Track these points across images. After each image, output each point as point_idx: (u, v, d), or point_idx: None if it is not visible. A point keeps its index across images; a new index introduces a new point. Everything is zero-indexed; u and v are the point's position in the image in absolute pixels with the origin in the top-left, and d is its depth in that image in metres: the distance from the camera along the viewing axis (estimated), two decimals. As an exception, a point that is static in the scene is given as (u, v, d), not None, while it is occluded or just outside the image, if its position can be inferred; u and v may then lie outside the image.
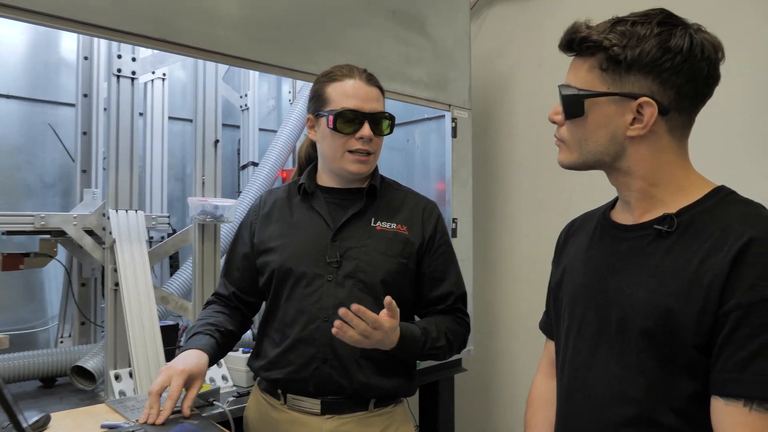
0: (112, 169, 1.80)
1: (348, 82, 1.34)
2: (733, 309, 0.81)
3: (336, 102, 1.33)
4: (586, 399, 0.97)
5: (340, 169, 1.37)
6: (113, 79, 1.82)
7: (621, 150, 0.94)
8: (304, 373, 1.31)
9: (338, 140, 1.33)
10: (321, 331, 1.31)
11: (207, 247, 1.92)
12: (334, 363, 1.30)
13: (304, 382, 1.31)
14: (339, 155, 1.34)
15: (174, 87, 2.51)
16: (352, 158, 1.34)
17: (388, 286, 1.34)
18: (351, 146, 1.33)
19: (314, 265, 1.34)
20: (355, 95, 1.33)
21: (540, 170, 2.66)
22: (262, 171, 2.28)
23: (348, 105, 1.32)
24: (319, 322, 1.31)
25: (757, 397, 0.79)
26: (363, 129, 1.32)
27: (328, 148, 1.36)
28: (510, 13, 2.80)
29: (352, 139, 1.33)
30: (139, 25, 1.52)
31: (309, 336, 1.31)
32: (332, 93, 1.34)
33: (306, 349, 1.31)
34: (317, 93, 1.38)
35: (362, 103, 1.33)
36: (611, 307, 0.95)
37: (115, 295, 1.74)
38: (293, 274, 1.34)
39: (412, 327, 1.28)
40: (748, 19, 1.98)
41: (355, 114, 1.32)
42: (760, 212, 0.88)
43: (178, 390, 1.14)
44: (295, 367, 1.32)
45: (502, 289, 2.82)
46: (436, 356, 1.35)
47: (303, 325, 1.32)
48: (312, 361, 1.31)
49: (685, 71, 0.88)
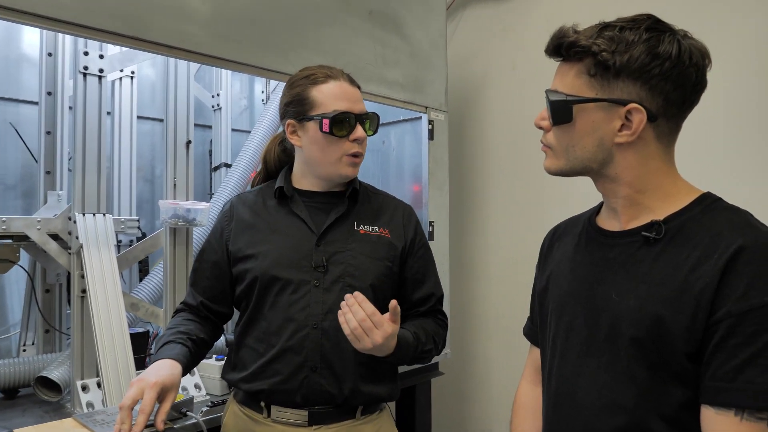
0: (78, 171, 1.73)
1: (332, 83, 1.31)
2: (724, 318, 0.81)
3: (326, 105, 1.30)
4: (575, 407, 0.96)
5: (332, 174, 1.33)
6: (79, 76, 1.75)
7: (608, 157, 0.93)
8: (292, 383, 1.27)
9: (332, 144, 1.30)
10: (310, 339, 1.27)
11: (179, 251, 1.86)
12: (324, 371, 1.27)
13: (291, 392, 1.27)
14: (334, 159, 1.31)
15: (143, 85, 2.43)
16: (348, 161, 1.31)
17: (377, 289, 1.32)
18: (347, 150, 1.30)
19: (299, 271, 1.30)
20: (343, 97, 1.30)
21: (515, 173, 2.67)
22: (235, 173, 2.23)
23: (339, 107, 1.29)
24: (308, 330, 1.28)
25: (748, 406, 0.79)
26: (357, 131, 1.30)
27: (320, 153, 1.32)
28: (484, 16, 2.80)
29: (346, 142, 1.30)
30: (107, 21, 1.46)
31: (297, 344, 1.27)
32: (318, 96, 1.30)
33: (294, 357, 1.27)
34: (299, 96, 1.33)
35: (351, 105, 1.30)
36: (600, 314, 0.94)
37: (82, 302, 1.67)
38: (278, 281, 1.30)
39: (406, 333, 1.26)
40: (726, 23, 2.01)
41: (347, 116, 1.29)
42: (748, 220, 0.88)
43: (151, 404, 1.09)
44: (282, 377, 1.27)
45: (478, 291, 2.82)
46: (423, 360, 1.35)
47: (291, 333, 1.28)
48: (300, 370, 1.27)
49: (674, 78, 0.87)
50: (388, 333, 1.16)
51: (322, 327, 1.27)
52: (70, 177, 1.91)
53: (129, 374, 1.62)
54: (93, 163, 1.75)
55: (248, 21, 1.77)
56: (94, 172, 1.75)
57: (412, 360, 1.31)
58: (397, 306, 1.16)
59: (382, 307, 1.31)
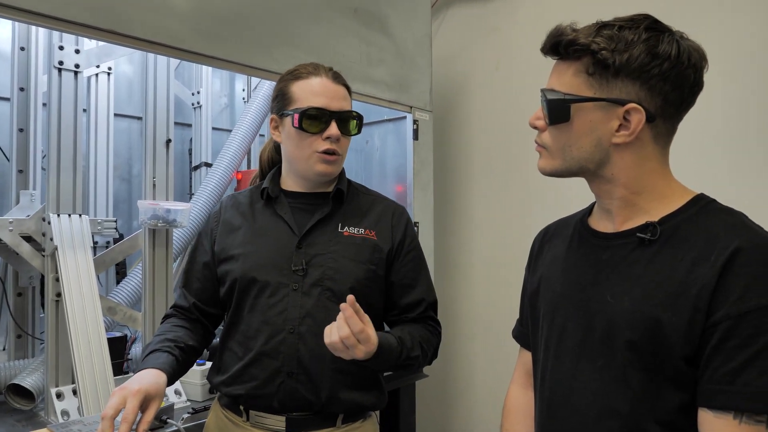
0: (53, 170, 1.67)
1: (314, 79, 1.29)
2: (722, 320, 0.80)
3: (301, 100, 1.27)
4: (569, 411, 0.95)
5: (306, 171, 1.30)
6: (54, 72, 1.69)
7: (605, 157, 0.92)
8: (269, 388, 1.24)
9: (304, 140, 1.27)
10: (287, 344, 1.24)
11: (158, 253, 1.81)
12: (301, 377, 1.24)
13: (269, 397, 1.24)
14: (306, 156, 1.28)
15: (119, 82, 2.37)
16: (319, 158, 1.28)
17: (357, 293, 1.27)
18: (318, 147, 1.27)
19: (278, 274, 1.27)
20: (321, 93, 1.27)
21: (499, 173, 2.66)
22: (216, 172, 2.18)
23: (314, 103, 1.26)
24: (284, 334, 1.24)
25: (746, 409, 0.79)
26: (330, 128, 1.26)
27: (294, 149, 1.30)
28: (468, 15, 2.79)
29: (318, 139, 1.27)
30: (84, 14, 1.41)
31: (273, 349, 1.24)
32: (297, 91, 1.28)
33: (270, 362, 1.24)
34: (281, 92, 1.31)
35: (329, 102, 1.27)
36: (594, 316, 0.93)
37: (56, 306, 1.62)
38: (256, 283, 1.27)
39: (388, 336, 1.22)
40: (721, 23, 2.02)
41: (321, 112, 1.26)
42: (743, 221, 0.87)
43: (133, 413, 1.05)
44: (258, 382, 1.24)
45: (462, 292, 2.81)
46: (409, 367, 1.29)
47: (267, 338, 1.25)
48: (277, 376, 1.24)
49: (673, 78, 0.87)
50: (371, 349, 1.11)
51: (299, 331, 1.24)
52: (43, 176, 1.85)
53: (107, 380, 1.56)
54: (68, 162, 1.69)
55: (231, 17, 1.73)
56: (69, 171, 1.69)
57: (396, 367, 1.26)
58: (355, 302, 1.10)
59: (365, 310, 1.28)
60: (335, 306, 1.24)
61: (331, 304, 1.25)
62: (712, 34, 1.99)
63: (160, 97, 1.87)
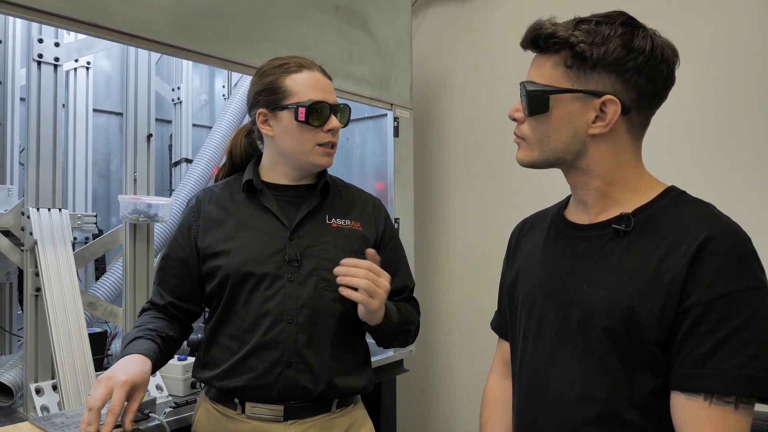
0: (32, 164, 1.65)
1: (308, 73, 1.30)
2: (692, 306, 0.83)
3: (301, 94, 1.28)
4: (547, 399, 0.97)
5: (306, 164, 1.32)
6: (33, 65, 1.67)
7: (582, 148, 0.94)
8: (268, 378, 1.25)
9: (306, 133, 1.29)
10: (286, 334, 1.25)
11: (139, 248, 1.80)
12: (300, 366, 1.25)
13: (267, 388, 1.25)
14: (308, 149, 1.30)
15: (98, 77, 2.34)
16: (321, 151, 1.30)
17: None
18: (320, 139, 1.29)
19: (273, 266, 1.28)
20: (319, 87, 1.30)
21: (478, 170, 2.70)
22: (197, 168, 2.17)
23: (315, 97, 1.28)
24: (283, 325, 1.25)
25: (716, 391, 0.81)
26: (331, 121, 1.30)
27: (294, 143, 1.30)
28: (447, 15, 2.82)
29: (320, 132, 1.29)
30: (63, 5, 1.40)
31: (272, 339, 1.25)
32: (293, 85, 1.29)
33: (269, 353, 1.25)
34: (272, 85, 1.30)
35: (326, 95, 1.30)
36: (571, 306, 0.95)
37: (36, 301, 1.60)
38: (252, 277, 1.27)
39: (388, 302, 1.28)
40: (689, 20, 2.08)
41: (323, 106, 1.29)
42: (713, 212, 0.91)
43: (120, 404, 1.04)
44: (257, 373, 1.25)
45: (442, 288, 2.84)
46: (407, 334, 1.35)
47: (266, 329, 1.25)
48: (276, 366, 1.25)
49: (647, 72, 0.90)
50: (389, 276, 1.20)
51: (297, 321, 1.26)
52: (21, 171, 1.82)
53: (88, 375, 1.55)
54: (48, 157, 1.68)
55: (212, 12, 1.73)
56: (48, 166, 1.68)
57: (397, 332, 1.31)
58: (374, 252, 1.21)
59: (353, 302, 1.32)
60: (331, 295, 1.28)
61: (326, 293, 1.29)
62: (683, 33, 2.04)
63: (141, 91, 1.86)
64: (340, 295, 1.25)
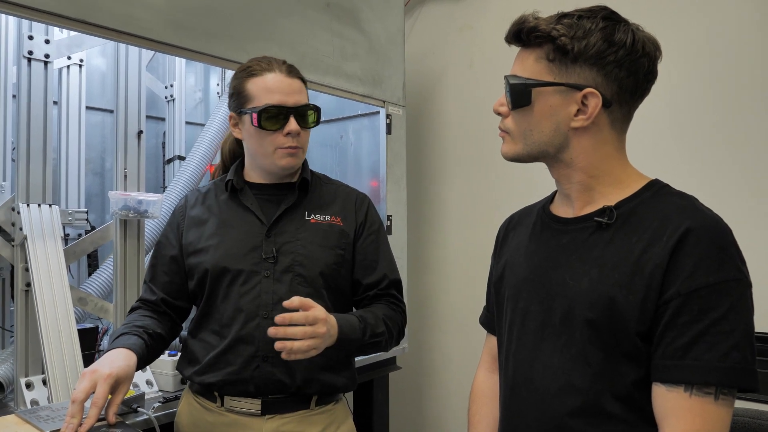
0: (22, 161, 1.65)
1: (268, 76, 1.29)
2: (673, 297, 0.84)
3: (258, 98, 1.28)
4: (531, 392, 0.98)
5: (270, 166, 1.32)
6: (24, 62, 1.67)
7: (565, 141, 0.95)
8: (245, 373, 1.26)
9: (266, 138, 1.29)
10: (261, 329, 1.26)
11: (130, 244, 1.80)
12: (276, 360, 1.25)
13: (245, 382, 1.26)
14: (269, 152, 1.30)
15: (92, 75, 2.35)
16: (282, 153, 1.30)
17: (327, 278, 1.32)
18: (280, 143, 1.29)
19: (250, 262, 1.29)
20: (277, 89, 1.28)
21: (471, 168, 2.70)
22: (190, 165, 2.18)
23: (271, 101, 1.27)
24: (258, 320, 1.27)
25: (696, 382, 0.82)
26: (289, 124, 1.28)
27: (256, 146, 1.31)
28: (442, 13, 2.83)
29: (279, 135, 1.28)
30: (52, 2, 1.40)
31: (248, 334, 1.27)
32: (253, 89, 1.29)
33: (245, 348, 1.26)
34: (237, 89, 1.32)
35: (285, 97, 1.28)
36: (555, 299, 0.96)
37: (26, 296, 1.60)
38: (229, 273, 1.29)
39: (348, 316, 1.24)
40: (673, 16, 2.08)
41: (279, 109, 1.27)
42: (694, 204, 0.91)
43: (104, 397, 1.05)
44: (234, 367, 1.26)
45: (435, 285, 2.84)
46: (377, 345, 1.30)
47: (242, 324, 1.27)
48: (252, 361, 1.26)
49: (627, 65, 0.90)
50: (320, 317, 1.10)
51: (272, 316, 1.25)
52: (13, 167, 1.82)
53: (77, 371, 1.55)
54: (38, 153, 1.68)
55: (204, 9, 1.73)
56: (39, 163, 1.68)
57: (363, 346, 1.26)
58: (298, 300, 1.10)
59: (336, 294, 1.33)
60: (306, 290, 1.28)
61: (302, 289, 1.28)
62: (669, 29, 2.05)
63: (132, 88, 1.86)
64: (315, 290, 1.27)
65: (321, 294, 1.29)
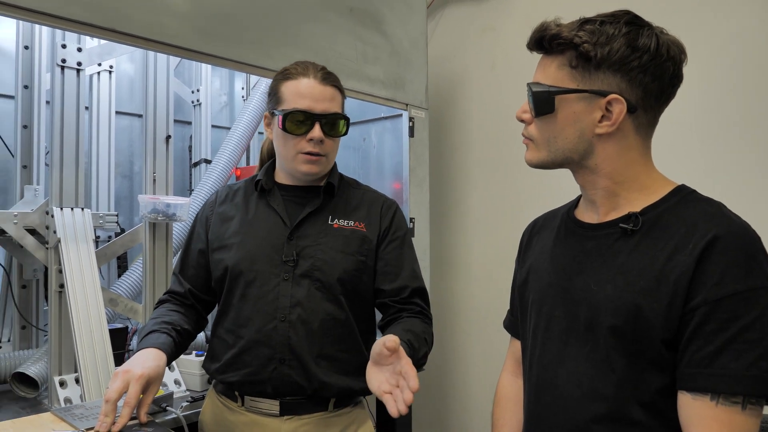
0: (56, 165, 1.70)
1: (302, 81, 1.30)
2: (699, 305, 0.83)
3: (288, 101, 1.29)
4: (556, 397, 0.97)
5: (293, 169, 1.34)
6: (57, 69, 1.72)
7: (589, 147, 0.95)
8: (262, 374, 1.27)
9: (290, 141, 1.30)
10: (278, 332, 1.27)
11: (158, 246, 1.84)
12: (293, 363, 1.27)
13: (262, 383, 1.28)
14: (291, 156, 1.31)
15: (121, 81, 2.41)
16: (303, 158, 1.31)
17: (346, 284, 1.31)
18: (302, 148, 1.29)
19: (270, 264, 1.30)
20: (308, 95, 1.29)
21: (495, 170, 2.69)
22: (216, 168, 2.22)
23: (299, 105, 1.28)
24: (276, 323, 1.28)
25: (722, 391, 0.81)
26: (313, 130, 1.28)
27: (281, 148, 1.33)
28: (464, 15, 2.82)
29: (302, 140, 1.29)
30: (84, 12, 1.44)
31: (265, 337, 1.28)
32: (285, 92, 1.31)
33: (263, 350, 1.28)
34: (273, 90, 1.35)
35: (314, 104, 1.28)
36: (579, 305, 0.96)
37: (59, 297, 1.65)
38: (248, 272, 1.30)
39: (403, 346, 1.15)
40: (698, 17, 2.05)
41: (305, 115, 1.28)
42: (722, 211, 0.90)
43: (136, 397, 1.08)
44: (252, 368, 1.28)
45: (458, 287, 2.84)
46: (419, 366, 1.22)
47: (259, 326, 1.28)
48: (269, 362, 1.27)
49: (652, 70, 0.89)
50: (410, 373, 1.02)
51: (289, 320, 1.27)
52: (46, 172, 1.88)
53: (108, 370, 1.60)
54: (71, 158, 1.73)
55: (228, 16, 1.76)
56: (72, 167, 1.73)
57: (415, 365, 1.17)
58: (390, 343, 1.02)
59: (354, 300, 1.33)
60: (324, 295, 1.29)
61: (320, 294, 1.29)
62: (693, 31, 2.02)
63: (160, 94, 1.90)
64: (332, 296, 1.28)
65: (338, 300, 1.29)
